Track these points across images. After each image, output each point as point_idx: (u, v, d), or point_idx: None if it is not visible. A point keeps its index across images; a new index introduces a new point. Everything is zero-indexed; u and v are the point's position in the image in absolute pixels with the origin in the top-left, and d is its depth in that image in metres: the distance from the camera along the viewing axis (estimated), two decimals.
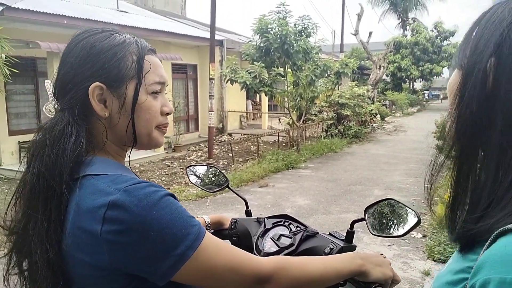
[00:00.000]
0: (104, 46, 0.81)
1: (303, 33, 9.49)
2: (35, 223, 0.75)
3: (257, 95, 16.40)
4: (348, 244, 1.14)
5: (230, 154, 9.36)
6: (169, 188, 7.22)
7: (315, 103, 12.03)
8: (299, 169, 8.87)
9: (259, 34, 9.35)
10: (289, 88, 10.02)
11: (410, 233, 4.12)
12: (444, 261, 4.15)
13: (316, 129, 12.61)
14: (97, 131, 0.83)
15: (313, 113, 12.36)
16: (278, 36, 9.05)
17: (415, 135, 14.19)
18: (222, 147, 11.41)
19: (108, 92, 0.81)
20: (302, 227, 1.26)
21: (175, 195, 0.77)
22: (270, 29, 9.24)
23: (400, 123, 18.20)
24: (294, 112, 10.62)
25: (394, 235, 1.01)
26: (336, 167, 9.07)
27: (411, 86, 30.72)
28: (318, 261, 0.91)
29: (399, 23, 31.26)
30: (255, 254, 1.24)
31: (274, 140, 11.43)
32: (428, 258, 4.29)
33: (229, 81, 9.44)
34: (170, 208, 0.73)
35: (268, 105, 16.31)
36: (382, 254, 1.02)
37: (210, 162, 8.91)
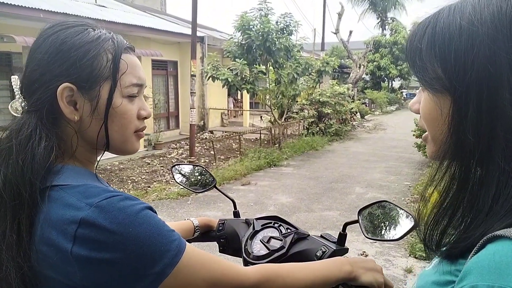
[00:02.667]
0: (75, 42, 0.73)
1: (285, 31, 9.49)
2: (3, 234, 0.69)
3: (239, 93, 16.34)
4: (340, 247, 1.12)
5: (212, 152, 9.28)
6: (149, 187, 7.10)
7: (297, 101, 12.06)
8: (281, 167, 8.87)
9: (241, 31, 9.30)
10: (271, 85, 10.01)
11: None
12: (425, 258, 4.21)
13: (297, 127, 12.65)
14: (67, 136, 0.75)
15: (294, 111, 12.38)
16: (260, 33, 9.01)
17: (394, 133, 14.42)
18: (204, 145, 11.30)
19: (79, 93, 0.74)
20: (293, 229, 1.22)
21: (156, 194, 0.72)
22: (252, 26, 9.21)
23: (380, 121, 18.45)
24: (276, 109, 10.61)
25: (389, 238, 0.98)
26: (318, 165, 9.11)
27: (389, 85, 31.20)
28: (306, 270, 0.88)
29: (378, 23, 31.66)
30: (244, 257, 1.20)
31: (256, 138, 11.40)
32: (410, 255, 4.34)
33: (210, 78, 9.36)
34: (148, 223, 0.67)
35: (250, 102, 16.27)
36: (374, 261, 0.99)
37: (192, 160, 8.81)
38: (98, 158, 0.83)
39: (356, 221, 1.08)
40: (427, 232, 0.61)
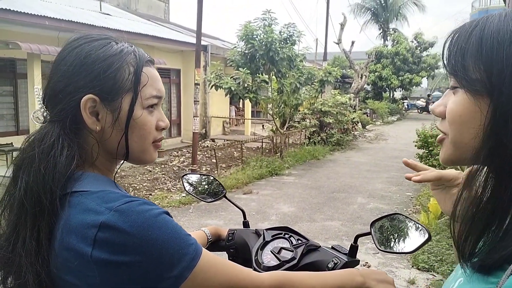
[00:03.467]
0: (100, 55, 0.76)
1: (288, 41, 9.55)
2: (23, 241, 0.70)
3: (241, 101, 16.40)
4: (352, 258, 1.12)
5: (213, 160, 9.28)
6: (150, 194, 7.09)
7: (299, 110, 12.09)
8: (283, 176, 8.87)
9: (244, 41, 9.35)
10: (273, 95, 10.04)
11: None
12: (428, 270, 4.19)
13: (299, 136, 12.66)
14: (88, 145, 0.78)
15: (296, 120, 12.41)
16: (263, 43, 9.07)
17: (395, 144, 14.42)
18: (205, 153, 11.31)
19: (102, 105, 0.76)
20: (304, 240, 1.23)
21: (158, 202, 0.73)
22: (255, 36, 9.26)
23: (381, 132, 18.46)
24: (278, 118, 10.63)
25: (402, 251, 0.98)
26: (319, 174, 9.11)
27: (391, 95, 31.28)
28: (318, 279, 0.89)
29: (380, 33, 31.86)
30: (254, 267, 1.20)
31: (258, 147, 11.41)
32: (412, 266, 4.32)
33: (213, 87, 9.40)
34: (166, 227, 0.69)
35: (251, 111, 16.31)
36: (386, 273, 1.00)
37: (194, 168, 8.80)
38: (117, 167, 0.85)
39: (368, 233, 1.09)
40: (460, 242, 0.60)
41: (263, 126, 14.06)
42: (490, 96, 0.55)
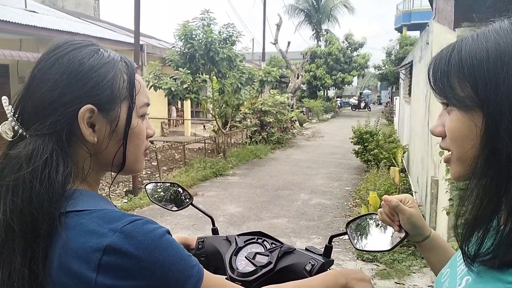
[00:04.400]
0: (94, 63, 0.71)
1: (228, 41, 9.55)
2: (12, 270, 0.63)
3: (179, 102, 16.09)
4: (327, 259, 1.15)
5: (154, 163, 9.02)
6: None
7: (240, 110, 12.15)
8: (227, 176, 8.87)
9: (183, 40, 9.20)
10: (214, 95, 9.99)
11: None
12: (372, 260, 4.43)
13: (241, 135, 12.73)
14: (80, 159, 0.72)
15: (237, 120, 12.46)
16: (203, 43, 8.99)
17: (331, 140, 15.04)
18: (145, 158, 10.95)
19: (99, 115, 0.71)
20: (278, 244, 1.24)
21: None
22: (194, 36, 9.15)
23: (317, 129, 19.14)
24: (219, 119, 10.60)
25: (379, 249, 1.03)
26: (263, 173, 9.23)
27: (325, 94, 32.53)
28: (306, 287, 0.91)
29: (313, 34, 32.98)
30: (228, 274, 1.19)
31: (199, 147, 11.28)
32: (357, 258, 4.53)
33: (152, 87, 9.13)
34: (171, 249, 0.66)
35: (191, 111, 16.09)
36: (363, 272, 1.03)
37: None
38: (112, 179, 0.81)
39: (344, 233, 1.12)
40: (464, 242, 0.63)
41: (204, 126, 13.93)
42: (481, 108, 0.61)
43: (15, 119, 0.71)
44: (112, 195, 7.30)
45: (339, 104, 35.80)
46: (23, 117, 0.71)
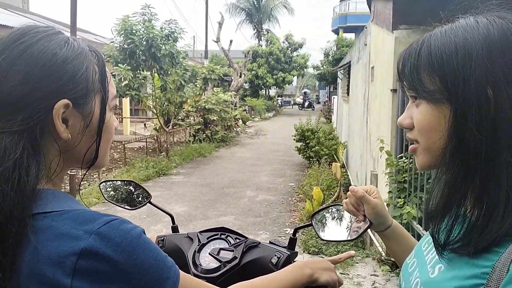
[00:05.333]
0: (67, 54, 0.65)
1: (170, 38, 9.35)
2: None
3: (117, 99, 15.45)
4: (292, 251, 1.17)
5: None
6: None
7: (183, 108, 11.96)
8: (171, 176, 8.68)
9: (123, 36, 8.85)
10: (156, 92, 9.73)
11: (284, 229, 4.38)
12: (317, 253, 4.57)
13: (184, 134, 12.52)
14: (49, 157, 0.66)
15: (180, 118, 12.25)
16: (144, 38, 8.71)
17: (274, 138, 15.30)
18: None
19: (73, 110, 0.66)
20: (242, 239, 1.24)
21: None
22: (135, 31, 8.84)
23: (260, 127, 19.37)
24: (161, 117, 10.34)
25: (345, 239, 1.06)
26: (208, 171, 9.16)
27: (267, 93, 33.01)
28: (275, 282, 0.91)
29: (254, 33, 33.33)
30: (192, 272, 1.17)
31: (140, 147, 10.94)
32: (304, 251, 4.66)
33: None
34: (148, 250, 0.64)
35: (130, 109, 15.53)
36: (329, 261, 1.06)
37: (72, 173, 8.02)
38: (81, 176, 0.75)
39: (309, 225, 1.15)
40: (434, 231, 0.66)
41: (145, 125, 13.51)
42: (449, 101, 0.63)
43: None
44: None
45: (280, 103, 36.48)
46: None
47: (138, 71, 9.15)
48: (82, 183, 7.22)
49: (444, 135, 0.64)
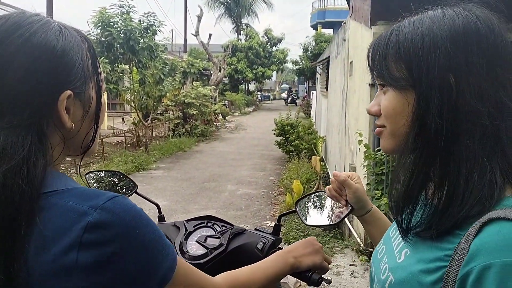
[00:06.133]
0: (64, 45, 0.66)
1: (149, 30, 9.25)
2: None
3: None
4: (277, 237, 1.21)
5: (68, 158, 8.43)
6: None
7: (162, 102, 11.85)
8: (151, 170, 8.61)
9: (100, 28, 8.70)
10: (135, 86, 9.61)
11: (265, 222, 4.44)
12: None
13: (163, 128, 12.41)
14: (53, 146, 0.67)
15: (159, 112, 12.13)
16: (122, 31, 8.59)
17: (254, 133, 15.34)
18: None
19: (74, 99, 0.68)
20: (228, 226, 1.27)
21: None
22: (112, 23, 8.70)
23: (240, 122, 19.37)
24: (140, 111, 10.23)
25: (328, 223, 1.11)
26: (188, 166, 9.13)
27: (246, 87, 32.99)
28: (259, 272, 0.93)
29: (234, 28, 33.21)
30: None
31: (118, 141, 10.79)
32: (284, 243, 4.72)
33: None
34: (149, 226, 0.66)
35: (107, 103, 15.28)
36: (315, 239, 1.08)
37: None
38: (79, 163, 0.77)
39: (293, 211, 1.19)
40: (398, 217, 0.70)
41: (123, 119, 13.32)
42: (414, 88, 0.66)
43: None
44: None
45: (260, 98, 36.49)
46: None
47: (116, 64, 9.02)
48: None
49: (408, 121, 0.67)
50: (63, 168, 8.39)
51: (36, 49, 0.64)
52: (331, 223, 1.09)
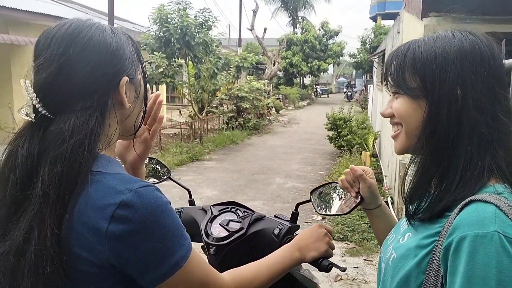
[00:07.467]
0: (117, 41, 0.82)
1: (204, 26, 9.52)
2: (40, 234, 0.70)
3: (154, 86, 15.92)
4: (293, 224, 1.27)
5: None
6: None
7: (217, 96, 12.17)
8: (204, 161, 8.93)
9: (158, 24, 9.11)
10: (190, 80, 9.97)
11: (311, 216, 4.46)
12: (342, 239, 4.64)
13: (217, 121, 12.76)
14: (109, 127, 0.82)
15: (214, 105, 12.48)
16: (178, 27, 8.93)
17: (307, 127, 15.25)
18: None
19: (129, 84, 0.83)
20: (250, 212, 1.35)
21: None
22: (170, 20, 9.08)
23: (293, 116, 19.34)
24: (196, 104, 10.60)
25: (339, 213, 1.16)
26: (239, 158, 9.34)
27: (301, 81, 32.74)
28: (264, 269, 0.98)
29: (290, 21, 33.02)
30: (204, 240, 1.29)
31: (175, 133, 11.27)
32: None
33: None
34: (171, 216, 0.76)
35: (166, 96, 15.95)
36: (321, 225, 1.11)
37: None
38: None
39: (308, 201, 1.25)
40: (407, 203, 0.81)
41: (180, 112, 13.86)
42: (426, 97, 0.78)
43: (38, 101, 0.76)
44: None
45: (320, 92, 35.84)
46: (53, 99, 0.76)
47: (173, 59, 9.41)
48: None
49: (419, 125, 0.78)
50: None
51: (97, 47, 0.79)
52: (342, 213, 1.13)
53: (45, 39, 0.79)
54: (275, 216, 1.33)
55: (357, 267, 3.98)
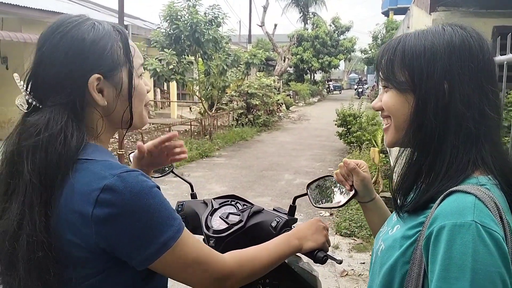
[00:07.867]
0: (94, 37, 0.82)
1: (213, 23, 9.54)
2: (30, 221, 0.74)
3: (165, 84, 16.03)
4: (291, 217, 1.30)
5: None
6: None
7: (226, 93, 12.20)
8: (213, 158, 8.99)
9: (168, 21, 9.17)
10: (200, 77, 10.02)
11: (319, 212, 4.46)
12: (349, 235, 4.64)
13: (227, 118, 12.81)
14: (93, 121, 0.84)
15: (224, 102, 12.52)
16: (188, 24, 8.98)
17: (317, 123, 15.20)
18: (130, 137, 10.99)
19: (105, 82, 0.83)
20: (249, 205, 1.38)
21: None
22: (180, 17, 9.12)
23: (303, 112, 19.29)
24: (205, 101, 10.65)
25: (334, 206, 1.18)
26: (249, 155, 9.38)
27: (312, 77, 32.60)
28: (264, 252, 0.99)
29: (300, 17, 32.88)
30: (204, 232, 1.32)
31: (185, 129, 11.35)
32: (336, 233, 4.74)
33: None
34: (158, 198, 0.78)
35: (177, 93, 16.06)
36: (320, 220, 1.14)
37: (120, 152, 8.55)
38: (120, 137, 0.95)
39: (305, 194, 1.27)
40: (396, 196, 0.82)
41: (190, 108, 13.94)
42: (413, 92, 0.79)
43: (28, 93, 0.81)
44: None
45: (332, 88, 35.50)
46: (37, 91, 0.81)
47: (183, 56, 9.46)
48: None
49: (407, 119, 0.80)
50: (128, 146, 9.07)
51: (70, 42, 0.80)
52: (337, 205, 1.16)
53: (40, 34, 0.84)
54: (273, 209, 1.36)
55: (364, 263, 3.99)
